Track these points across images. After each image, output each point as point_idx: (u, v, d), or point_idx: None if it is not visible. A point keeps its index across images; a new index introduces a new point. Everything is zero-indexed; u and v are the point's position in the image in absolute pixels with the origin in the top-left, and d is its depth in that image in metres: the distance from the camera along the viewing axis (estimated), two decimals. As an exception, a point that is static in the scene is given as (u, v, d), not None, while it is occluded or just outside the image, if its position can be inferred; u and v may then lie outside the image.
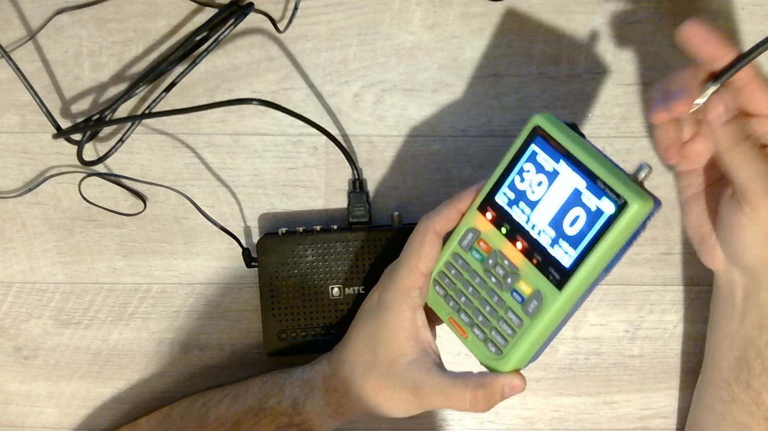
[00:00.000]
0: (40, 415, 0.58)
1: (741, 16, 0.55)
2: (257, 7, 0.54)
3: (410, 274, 0.46)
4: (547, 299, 0.42)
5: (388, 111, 0.56)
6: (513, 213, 0.44)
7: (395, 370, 0.46)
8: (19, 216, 0.56)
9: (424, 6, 0.55)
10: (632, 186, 0.40)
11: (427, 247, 0.46)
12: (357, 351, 0.48)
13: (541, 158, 0.43)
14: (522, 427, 0.58)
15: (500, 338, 0.44)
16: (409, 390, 0.46)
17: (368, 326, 0.48)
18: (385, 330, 0.47)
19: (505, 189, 0.44)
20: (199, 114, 0.56)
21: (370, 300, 0.49)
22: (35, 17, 0.55)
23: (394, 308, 0.46)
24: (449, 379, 0.45)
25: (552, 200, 0.42)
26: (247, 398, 0.50)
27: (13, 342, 0.57)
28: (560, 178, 0.42)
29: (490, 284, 0.45)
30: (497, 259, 0.44)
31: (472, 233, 0.45)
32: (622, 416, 0.58)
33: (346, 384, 0.48)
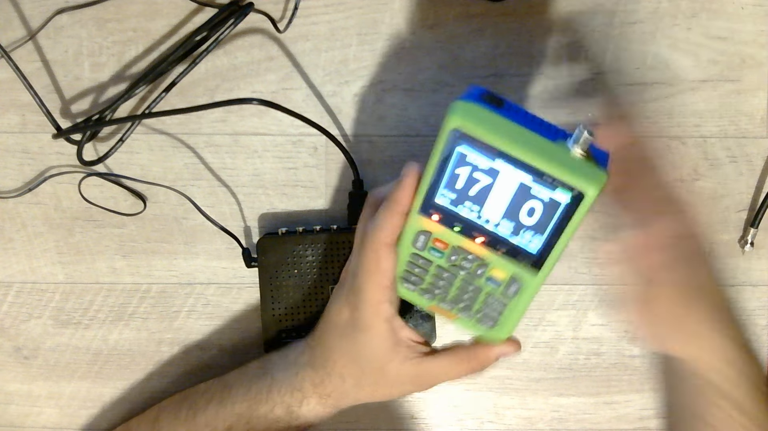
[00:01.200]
0: (40, 415, 0.58)
1: (741, 16, 0.55)
2: (257, 7, 0.54)
3: (376, 291, 0.45)
4: (525, 280, 0.41)
5: (388, 111, 0.56)
6: (460, 212, 0.41)
7: (387, 376, 0.47)
8: (19, 216, 0.56)
9: (424, 6, 0.55)
10: (582, 168, 0.37)
11: (383, 262, 0.44)
12: (342, 365, 0.48)
13: (472, 158, 0.39)
14: (522, 427, 0.58)
15: (488, 318, 0.44)
16: (408, 382, 0.47)
17: (347, 343, 0.47)
18: (366, 347, 0.46)
19: (443, 191, 0.40)
20: (199, 114, 0.56)
21: (340, 316, 0.48)
22: (35, 17, 0.55)
23: (370, 326, 0.46)
24: (443, 361, 0.46)
25: (499, 196, 0.39)
26: (234, 404, 0.50)
27: (13, 342, 0.57)
28: (502, 176, 0.39)
29: (461, 275, 0.43)
30: (460, 254, 0.42)
31: (423, 235, 0.42)
32: (622, 416, 0.57)
33: (340, 392, 0.49)
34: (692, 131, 0.56)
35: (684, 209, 0.44)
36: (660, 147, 0.56)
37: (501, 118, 0.38)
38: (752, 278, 0.57)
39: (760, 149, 0.56)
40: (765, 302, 0.57)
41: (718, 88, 0.56)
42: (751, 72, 0.56)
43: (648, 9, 0.55)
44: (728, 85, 0.56)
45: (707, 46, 0.55)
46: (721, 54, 0.56)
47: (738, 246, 0.56)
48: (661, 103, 0.56)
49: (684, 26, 0.55)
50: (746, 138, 0.56)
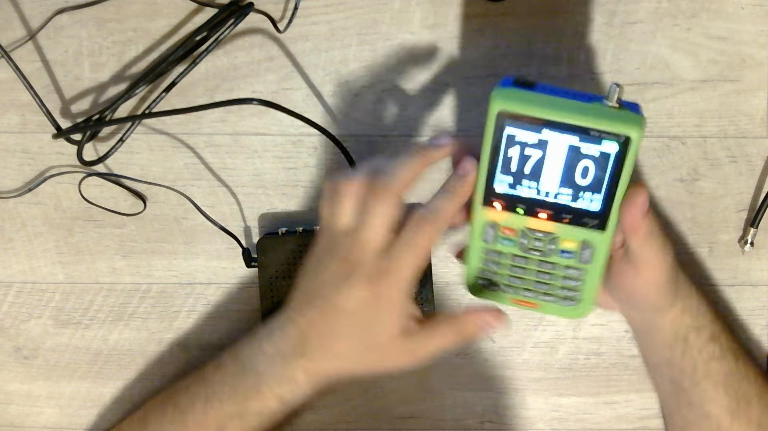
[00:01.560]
0: (40, 415, 0.58)
1: (741, 16, 0.55)
2: (257, 7, 0.54)
3: (412, 274, 0.43)
4: (596, 242, 0.43)
5: (388, 111, 0.56)
6: (521, 193, 0.43)
7: (389, 352, 0.45)
8: (19, 216, 0.57)
9: (424, 6, 0.55)
10: (621, 117, 0.40)
11: (430, 246, 0.43)
12: (346, 348, 0.45)
13: (521, 136, 0.41)
14: (522, 427, 0.58)
15: (570, 292, 0.45)
16: (405, 356, 0.45)
17: (359, 329, 0.44)
18: (379, 327, 0.44)
19: (500, 177, 0.43)
20: (199, 114, 0.56)
21: (351, 298, 0.44)
22: (35, 17, 0.55)
23: (396, 307, 0.43)
24: (436, 331, 0.45)
25: (553, 165, 0.42)
26: (222, 403, 0.48)
27: (13, 342, 0.57)
28: (551, 144, 0.41)
29: (535, 257, 0.44)
30: (529, 236, 0.44)
31: (490, 227, 0.44)
32: (622, 416, 0.57)
33: (336, 373, 0.47)
34: (692, 131, 0.56)
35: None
36: (659, 147, 0.56)
37: (538, 94, 0.41)
38: (752, 278, 0.57)
39: (760, 149, 0.56)
40: (765, 302, 0.57)
41: (718, 88, 0.56)
42: (751, 72, 0.56)
43: (648, 9, 0.55)
44: (728, 85, 0.56)
45: (707, 46, 0.55)
46: (721, 54, 0.56)
47: (738, 246, 0.56)
48: (661, 103, 0.56)
49: (684, 26, 0.55)
50: (746, 138, 0.56)
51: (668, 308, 0.48)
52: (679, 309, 0.49)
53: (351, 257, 0.44)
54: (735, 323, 0.57)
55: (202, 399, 0.49)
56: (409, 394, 0.57)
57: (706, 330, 0.49)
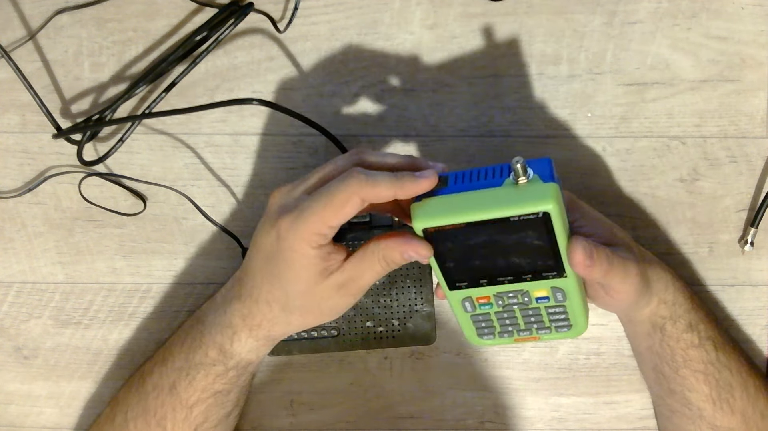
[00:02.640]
0: (40, 415, 0.58)
1: (741, 16, 0.55)
2: (257, 7, 0.54)
3: (319, 224, 0.42)
4: (563, 284, 0.44)
5: (388, 111, 0.56)
6: (478, 274, 0.44)
7: (314, 296, 0.45)
8: (19, 216, 0.57)
9: (424, 6, 0.55)
10: (531, 194, 0.40)
11: (348, 208, 0.41)
12: (267, 290, 0.46)
13: (454, 238, 0.42)
14: (522, 427, 0.58)
15: (560, 323, 0.47)
16: (335, 295, 0.45)
17: (271, 266, 0.45)
18: (290, 271, 0.44)
19: (455, 273, 0.44)
20: (199, 114, 0.56)
21: (267, 236, 0.44)
22: (35, 17, 0.55)
23: (297, 252, 0.43)
24: (359, 262, 0.44)
25: (495, 248, 0.42)
26: (174, 360, 0.50)
27: (13, 342, 0.57)
28: (482, 235, 0.42)
29: (516, 308, 0.46)
30: (502, 297, 0.45)
31: (466, 301, 0.46)
32: (622, 416, 0.57)
33: (269, 321, 0.47)
34: (692, 131, 0.56)
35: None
36: (659, 147, 0.56)
37: (449, 197, 0.42)
38: (752, 278, 0.57)
39: (760, 149, 0.56)
40: (765, 302, 0.57)
41: (718, 88, 0.56)
42: (751, 72, 0.56)
43: (648, 9, 0.55)
44: (728, 85, 0.56)
45: (707, 46, 0.55)
46: (721, 54, 0.56)
47: (738, 246, 0.56)
48: (661, 103, 0.56)
49: (684, 26, 0.55)
50: (746, 138, 0.56)
51: (644, 305, 0.49)
52: (655, 303, 0.50)
53: (275, 195, 0.45)
54: (735, 323, 0.57)
55: (160, 361, 0.51)
56: (409, 394, 0.57)
57: (683, 320, 0.50)
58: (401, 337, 0.55)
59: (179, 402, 0.49)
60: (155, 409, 0.50)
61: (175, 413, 0.50)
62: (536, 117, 0.56)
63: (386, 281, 0.55)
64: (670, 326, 0.50)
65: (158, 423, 0.50)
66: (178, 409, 0.50)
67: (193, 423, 0.50)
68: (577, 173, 0.56)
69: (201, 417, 0.50)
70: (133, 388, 0.52)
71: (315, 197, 0.42)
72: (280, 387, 0.57)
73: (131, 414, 0.51)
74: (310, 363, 0.57)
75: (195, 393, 0.49)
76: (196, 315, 0.52)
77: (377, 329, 0.55)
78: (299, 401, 0.57)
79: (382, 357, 0.57)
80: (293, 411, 0.57)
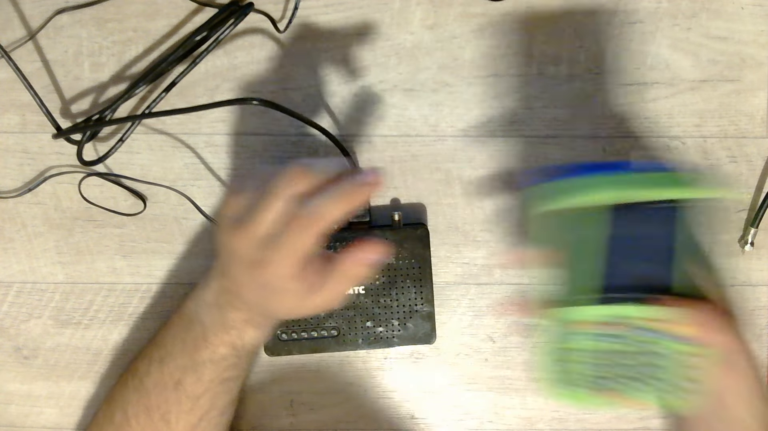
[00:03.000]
0: (40, 415, 0.58)
1: (741, 16, 0.55)
2: (257, 7, 0.54)
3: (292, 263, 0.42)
4: None
5: (388, 111, 0.56)
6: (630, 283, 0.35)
7: (306, 308, 0.45)
8: (19, 216, 0.56)
9: (424, 6, 0.55)
10: (688, 180, 0.35)
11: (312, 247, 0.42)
12: (263, 307, 0.47)
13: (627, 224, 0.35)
14: (522, 427, 0.58)
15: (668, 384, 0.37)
16: (318, 307, 0.45)
17: (260, 295, 0.45)
18: (277, 304, 0.45)
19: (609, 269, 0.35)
20: (199, 114, 0.56)
21: (247, 277, 0.44)
22: (35, 17, 0.55)
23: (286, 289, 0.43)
24: (330, 283, 0.44)
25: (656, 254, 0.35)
26: (175, 359, 0.50)
27: (13, 342, 0.57)
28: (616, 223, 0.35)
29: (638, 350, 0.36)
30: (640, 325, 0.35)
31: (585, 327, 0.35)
32: (622, 416, 0.57)
33: (269, 317, 0.49)
34: (692, 131, 0.56)
35: None
36: (660, 147, 0.56)
37: (576, 179, 0.36)
38: (752, 278, 0.57)
39: (760, 149, 0.56)
40: (765, 303, 0.57)
41: (718, 88, 0.56)
42: (751, 72, 0.56)
43: (648, 9, 0.55)
44: (728, 85, 0.56)
45: (707, 46, 0.55)
46: (721, 54, 0.56)
47: (738, 246, 0.56)
48: (661, 103, 0.56)
49: (684, 26, 0.55)
50: (746, 138, 0.56)
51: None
52: None
53: (237, 241, 0.43)
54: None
55: (156, 360, 0.51)
56: (409, 394, 0.57)
57: None
58: (401, 337, 0.55)
59: (185, 396, 0.50)
60: (158, 405, 0.50)
61: (180, 405, 0.50)
62: (536, 117, 0.56)
63: (386, 281, 0.55)
64: None
65: (162, 416, 0.50)
66: (183, 401, 0.50)
67: (198, 413, 0.50)
68: (577, 173, 0.56)
69: (207, 405, 0.50)
70: (131, 387, 0.52)
71: (279, 246, 0.42)
72: (280, 387, 0.57)
73: (132, 411, 0.51)
74: (310, 363, 0.57)
75: (203, 386, 0.50)
76: (187, 315, 0.51)
77: (377, 329, 0.55)
78: (299, 401, 0.57)
79: (382, 357, 0.57)
80: (293, 411, 0.57)
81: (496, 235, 0.56)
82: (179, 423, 0.50)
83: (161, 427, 0.50)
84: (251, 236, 0.43)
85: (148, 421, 0.50)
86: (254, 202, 0.43)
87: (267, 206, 0.42)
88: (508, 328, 0.55)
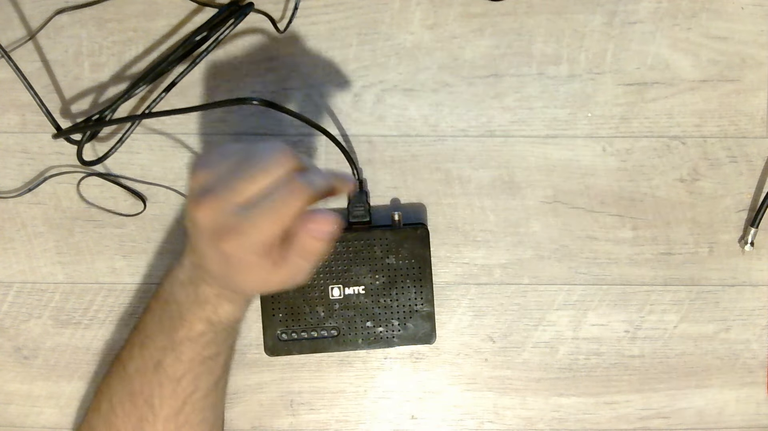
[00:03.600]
0: (40, 415, 0.58)
1: (741, 16, 0.55)
2: (257, 7, 0.54)
3: (266, 238, 0.41)
4: None
5: (388, 111, 0.56)
6: None
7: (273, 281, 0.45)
8: (19, 216, 0.57)
9: (424, 6, 0.55)
10: None
11: (293, 220, 0.41)
12: (229, 280, 0.45)
13: None
14: (522, 427, 0.58)
15: None
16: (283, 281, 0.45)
17: (224, 268, 0.44)
18: (243, 274, 0.44)
19: None
20: (199, 114, 0.56)
21: (210, 250, 0.43)
22: (35, 17, 0.55)
23: (246, 261, 0.42)
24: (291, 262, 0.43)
25: None
26: (154, 341, 0.49)
27: (13, 342, 0.57)
28: None
29: None
30: None
31: None
32: (622, 416, 0.57)
33: (242, 291, 0.48)
34: (692, 131, 0.56)
35: None
36: (659, 147, 0.56)
37: None
38: (752, 278, 0.57)
39: (760, 149, 0.56)
40: (765, 302, 0.57)
41: (718, 88, 0.56)
42: (751, 72, 0.56)
43: (648, 9, 0.55)
44: (728, 85, 0.56)
45: (707, 46, 0.55)
46: (721, 54, 0.56)
47: (738, 246, 0.56)
48: (661, 103, 0.56)
49: (684, 26, 0.55)
50: (746, 138, 0.56)
51: None
52: None
53: (203, 211, 0.42)
54: (735, 323, 0.57)
55: (137, 345, 0.50)
56: (409, 394, 0.57)
57: None
58: (401, 337, 0.55)
59: (166, 378, 0.49)
60: (141, 389, 0.49)
61: (162, 388, 0.49)
62: (536, 117, 0.56)
63: (386, 281, 0.55)
64: None
65: (146, 401, 0.49)
66: (165, 384, 0.49)
67: (181, 395, 0.49)
68: (577, 173, 0.56)
69: (190, 387, 0.50)
70: (114, 375, 0.51)
71: (258, 213, 0.40)
72: (280, 387, 0.57)
73: (116, 399, 0.50)
74: (310, 363, 0.57)
75: (182, 365, 0.49)
76: (163, 296, 0.50)
77: (377, 329, 0.55)
78: (299, 401, 0.57)
79: (382, 357, 0.57)
80: (293, 411, 0.57)
81: (496, 235, 0.56)
82: (163, 407, 0.49)
83: (146, 412, 0.49)
84: (222, 205, 0.41)
85: (133, 407, 0.50)
86: (233, 173, 0.41)
87: (251, 177, 0.41)
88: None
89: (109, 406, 0.51)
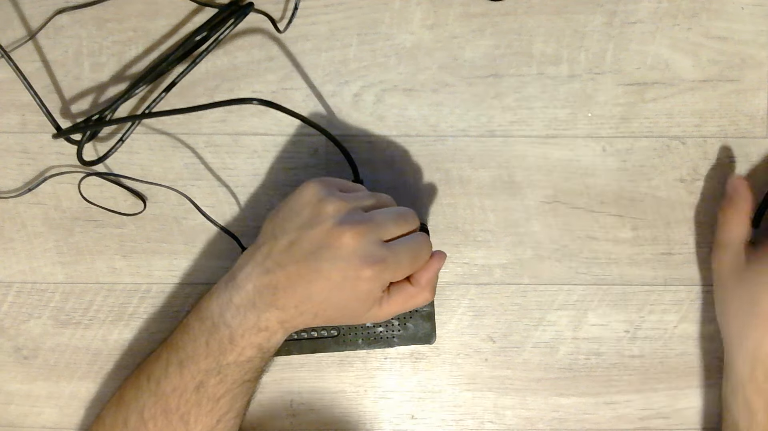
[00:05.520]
0: (39, 415, 0.58)
1: (741, 16, 0.55)
2: (257, 7, 0.54)
3: (400, 277, 0.49)
4: None
5: (388, 111, 0.56)
6: None
7: (356, 319, 0.50)
8: (19, 216, 0.57)
9: (424, 6, 0.55)
10: None
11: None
12: (323, 309, 0.47)
13: None
14: (522, 427, 0.58)
15: None
16: (373, 318, 0.50)
17: (336, 295, 0.47)
18: (357, 303, 0.48)
19: None
20: (199, 114, 0.56)
21: (341, 272, 0.46)
22: (35, 17, 0.55)
23: (372, 294, 0.47)
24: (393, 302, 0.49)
25: None
26: (197, 362, 0.49)
27: (13, 342, 0.57)
28: None
29: None
30: None
31: None
32: (622, 416, 0.57)
33: (308, 323, 0.49)
34: (692, 131, 0.56)
35: None
36: (659, 147, 0.56)
37: None
38: (752, 278, 0.57)
39: (760, 149, 0.56)
40: (765, 302, 0.57)
41: (718, 88, 0.56)
42: (751, 72, 0.56)
43: (648, 9, 0.55)
44: (728, 85, 0.56)
45: (707, 46, 0.55)
46: (721, 54, 0.56)
47: (738, 246, 0.56)
48: (661, 103, 0.56)
49: (684, 26, 0.55)
50: (746, 138, 0.56)
51: None
52: None
53: (362, 232, 0.46)
54: (735, 323, 0.57)
55: (175, 364, 0.50)
56: (409, 394, 0.57)
57: None
58: (401, 337, 0.55)
59: (206, 398, 0.49)
60: (178, 407, 0.49)
61: (200, 407, 0.49)
62: (536, 117, 0.56)
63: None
64: None
65: (181, 417, 0.49)
66: (204, 403, 0.49)
67: (217, 414, 0.50)
68: (577, 173, 0.56)
69: (226, 407, 0.50)
70: (146, 391, 0.51)
71: (402, 251, 0.47)
72: (280, 387, 0.57)
73: (148, 414, 0.50)
74: (310, 363, 0.57)
75: (224, 386, 0.49)
76: (210, 318, 0.49)
77: (377, 329, 0.55)
78: (299, 401, 0.57)
79: (382, 357, 0.57)
80: (293, 411, 0.57)
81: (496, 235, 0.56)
82: (197, 424, 0.50)
83: (179, 428, 0.50)
84: (370, 237, 0.46)
85: (166, 423, 0.50)
86: (381, 213, 0.48)
87: (399, 222, 0.48)
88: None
89: (140, 420, 0.50)
